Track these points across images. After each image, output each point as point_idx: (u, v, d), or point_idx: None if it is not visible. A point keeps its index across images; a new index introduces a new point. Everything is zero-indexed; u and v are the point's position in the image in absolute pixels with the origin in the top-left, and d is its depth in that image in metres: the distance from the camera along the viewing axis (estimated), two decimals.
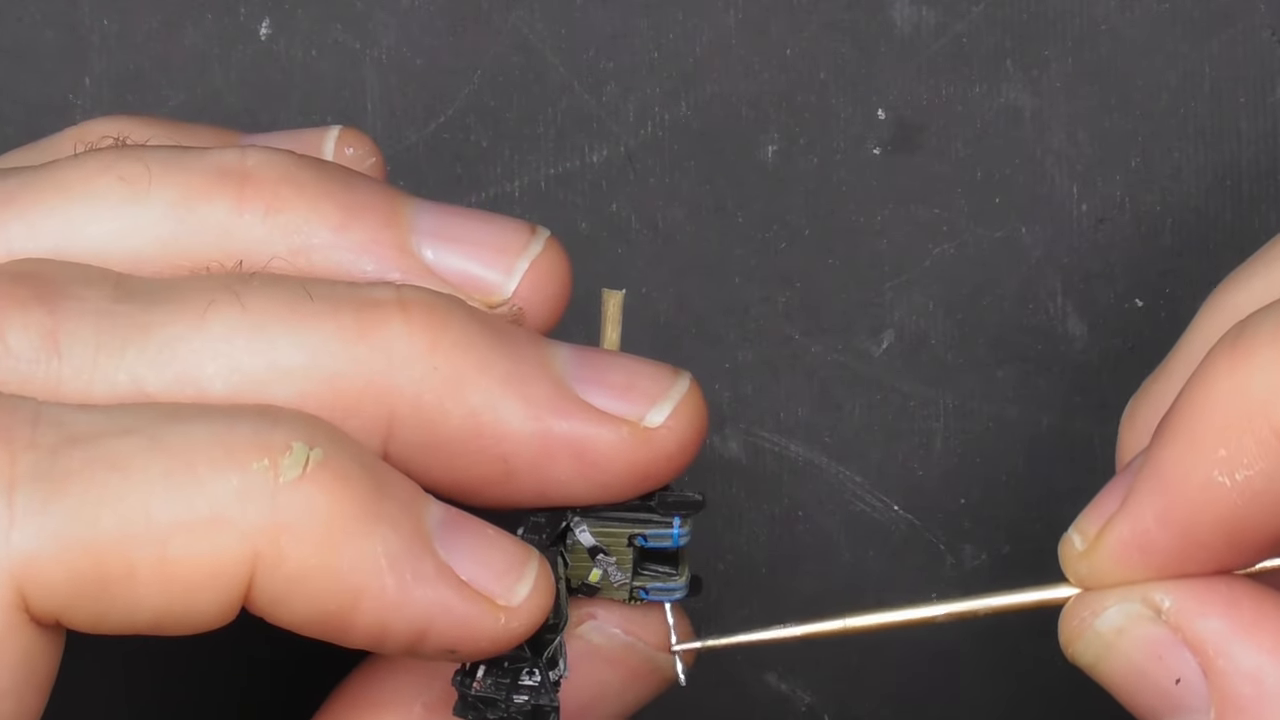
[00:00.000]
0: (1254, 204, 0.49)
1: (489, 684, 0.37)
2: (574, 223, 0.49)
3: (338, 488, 0.35)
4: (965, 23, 0.49)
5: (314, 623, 0.36)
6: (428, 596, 0.36)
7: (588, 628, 0.40)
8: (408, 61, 0.49)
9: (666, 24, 0.49)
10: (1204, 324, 0.40)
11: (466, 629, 0.36)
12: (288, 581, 0.35)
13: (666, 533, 0.39)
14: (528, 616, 0.36)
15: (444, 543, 0.36)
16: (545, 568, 0.37)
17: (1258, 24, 0.49)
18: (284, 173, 0.39)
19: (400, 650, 0.36)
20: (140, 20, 0.49)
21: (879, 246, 0.49)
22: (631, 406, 0.38)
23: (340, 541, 0.35)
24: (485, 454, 0.38)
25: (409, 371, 0.37)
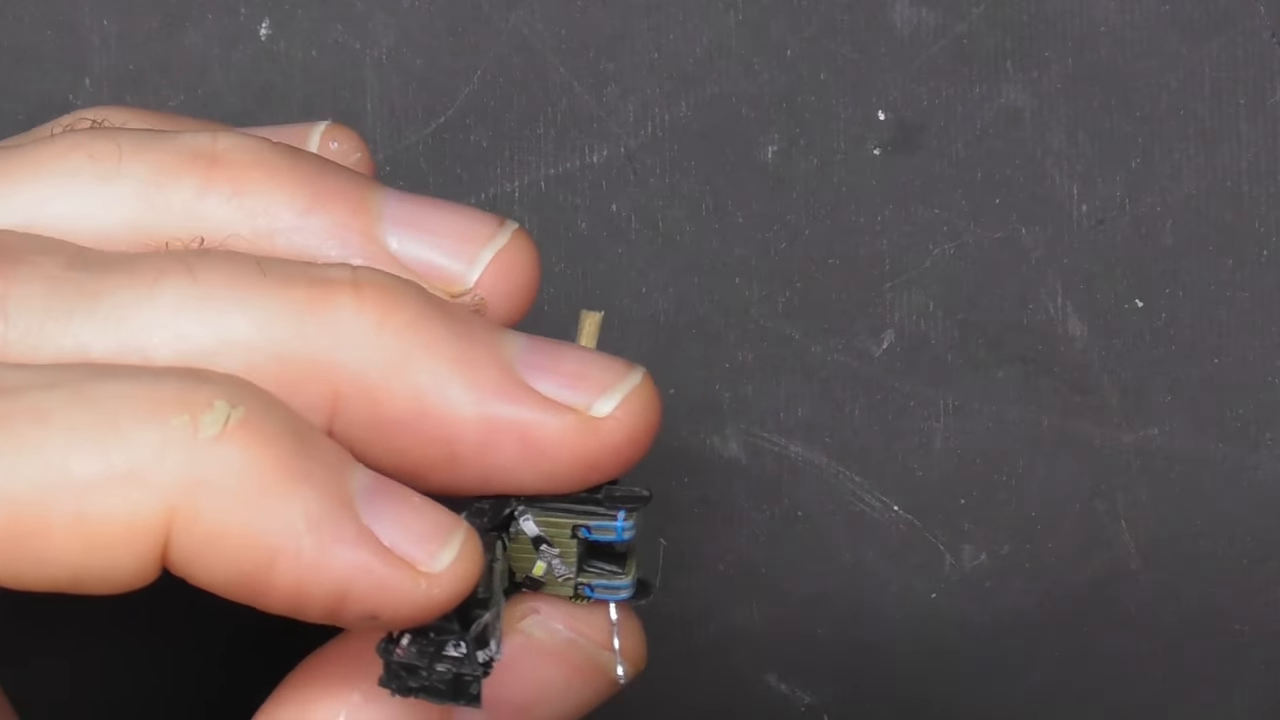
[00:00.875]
0: (1254, 205, 0.49)
1: (413, 651, 0.37)
2: (574, 223, 0.49)
3: (257, 446, 0.35)
4: (965, 24, 0.49)
5: (232, 583, 0.35)
6: (346, 559, 0.35)
7: (530, 622, 0.39)
8: (408, 62, 0.49)
9: (667, 25, 0.49)
10: None
11: (386, 593, 0.35)
12: (204, 539, 0.35)
13: (610, 525, 0.39)
14: (450, 584, 0.36)
15: (367, 508, 0.36)
16: (473, 538, 0.37)
17: (1257, 26, 0.49)
18: (255, 157, 0.39)
19: (321, 615, 0.36)
20: (140, 20, 0.49)
21: (879, 247, 0.49)
22: (579, 395, 0.38)
23: (257, 500, 0.35)
24: (429, 436, 0.37)
25: (355, 349, 0.37)
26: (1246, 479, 0.49)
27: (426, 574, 0.36)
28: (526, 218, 0.49)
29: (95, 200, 0.39)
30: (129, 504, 0.35)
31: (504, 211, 0.49)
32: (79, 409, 0.35)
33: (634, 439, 0.38)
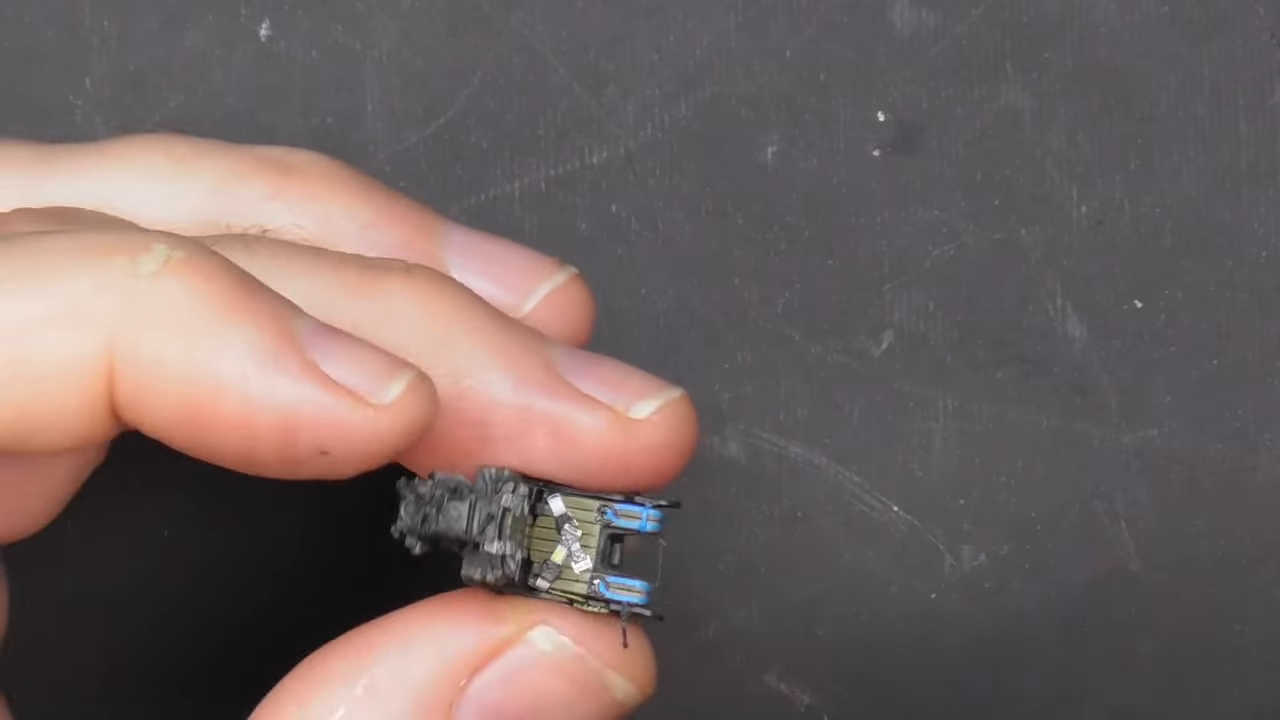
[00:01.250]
0: (1253, 206, 0.49)
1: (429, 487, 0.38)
2: (574, 224, 0.49)
3: (199, 282, 0.35)
4: (965, 25, 0.49)
5: (179, 421, 0.36)
6: (291, 389, 0.35)
7: (537, 633, 0.39)
8: (408, 63, 0.49)
9: (667, 26, 0.49)
10: None
11: (334, 425, 0.36)
12: (148, 372, 0.35)
13: (637, 511, 0.39)
14: (399, 415, 0.36)
15: (314, 345, 0.36)
16: (426, 381, 0.37)
17: (1257, 27, 0.49)
18: (326, 171, 0.41)
19: (274, 458, 0.36)
20: (141, 21, 0.49)
21: (879, 247, 0.49)
22: (618, 397, 0.39)
23: (200, 331, 0.35)
24: (464, 419, 0.38)
25: (400, 326, 0.38)
26: (1245, 479, 0.49)
27: (375, 405, 0.36)
28: (526, 218, 0.49)
29: (166, 192, 0.40)
30: (69, 342, 0.35)
31: (504, 212, 0.49)
32: (17, 257, 0.36)
33: (667, 446, 0.39)
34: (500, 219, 0.49)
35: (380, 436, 0.36)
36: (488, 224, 0.49)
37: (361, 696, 0.38)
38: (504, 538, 0.38)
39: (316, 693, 0.38)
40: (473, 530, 0.38)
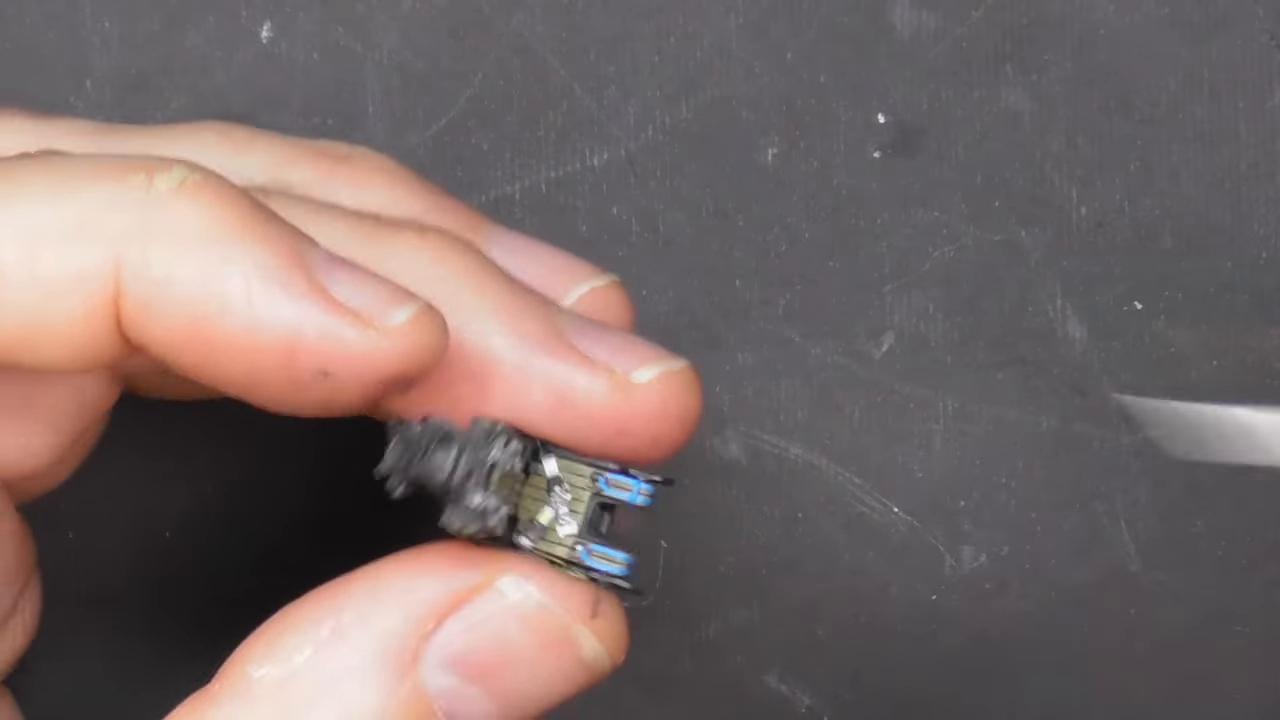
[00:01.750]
0: (1253, 207, 0.49)
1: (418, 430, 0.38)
2: (574, 226, 0.49)
3: (212, 202, 0.36)
4: (965, 27, 0.49)
5: (181, 339, 0.36)
6: (296, 308, 0.36)
7: (505, 581, 0.39)
8: (409, 64, 0.49)
9: (667, 27, 0.49)
10: None
11: (336, 344, 0.36)
12: (153, 288, 0.36)
13: (628, 483, 0.39)
14: (404, 339, 0.36)
15: (324, 271, 0.37)
16: (434, 312, 0.37)
17: (1256, 28, 0.49)
18: (381, 164, 0.42)
19: (276, 378, 0.36)
20: (142, 22, 0.49)
21: (879, 249, 0.49)
22: (620, 361, 0.39)
23: (209, 249, 0.36)
24: (464, 371, 0.38)
25: (408, 277, 0.38)
26: (1246, 479, 0.50)
27: (379, 328, 0.36)
28: (527, 220, 0.49)
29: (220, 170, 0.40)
30: (78, 253, 0.36)
31: (505, 213, 0.49)
32: (41, 171, 0.36)
33: (666, 413, 0.39)
34: (501, 220, 0.49)
35: (383, 360, 0.36)
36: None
37: (328, 638, 0.38)
38: (488, 491, 0.38)
39: (286, 634, 0.38)
40: (453, 480, 0.38)
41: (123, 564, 0.50)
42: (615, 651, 0.40)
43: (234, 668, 0.38)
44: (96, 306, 0.36)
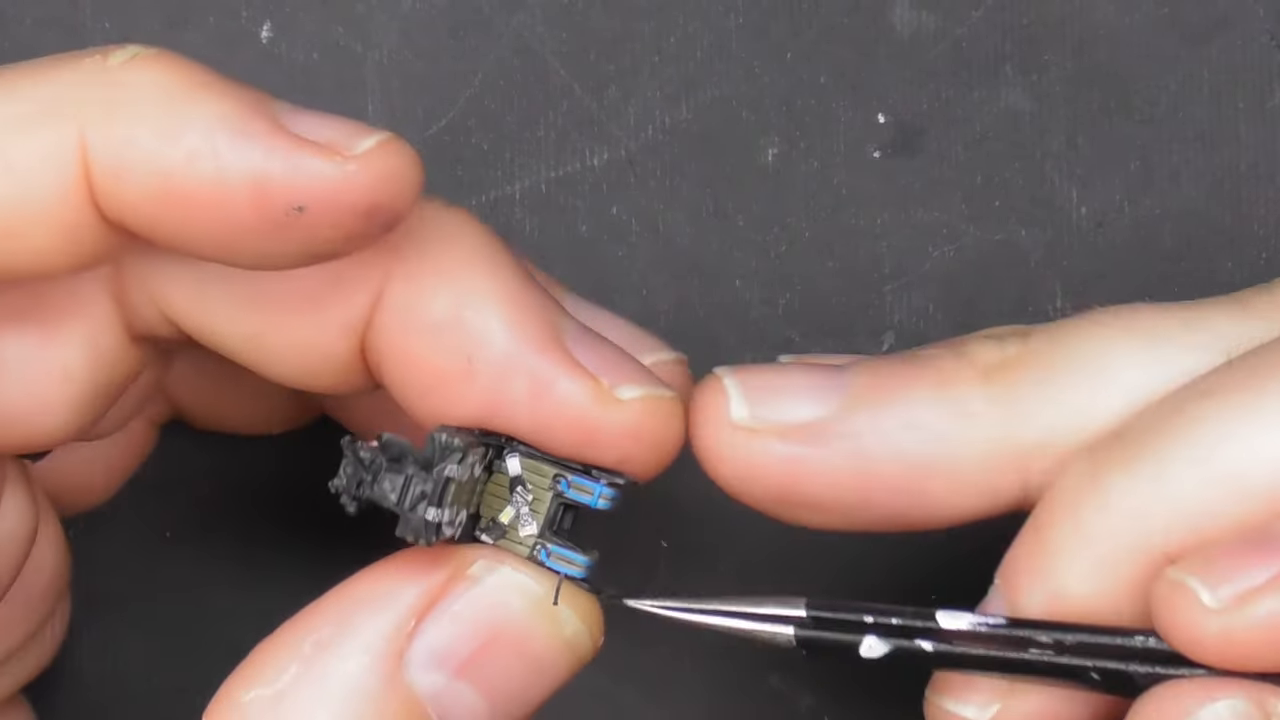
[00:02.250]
0: (1253, 207, 0.49)
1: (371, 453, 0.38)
2: (574, 226, 0.49)
3: (168, 68, 0.37)
4: (965, 27, 0.49)
5: (156, 204, 0.36)
6: (261, 149, 0.36)
7: (476, 566, 0.39)
8: (409, 64, 0.49)
9: (667, 27, 0.49)
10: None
11: (305, 177, 0.36)
12: (120, 156, 0.36)
13: (590, 485, 0.39)
14: (371, 165, 0.36)
15: (285, 116, 0.37)
16: (403, 144, 0.37)
17: (1256, 29, 0.49)
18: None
19: (251, 221, 0.36)
20: (141, 22, 0.49)
21: (879, 249, 0.49)
22: (608, 373, 0.39)
23: (165, 107, 0.36)
24: (454, 347, 0.38)
25: (420, 243, 0.39)
26: None
27: (346, 155, 0.36)
28: (527, 220, 0.49)
29: None
30: (43, 137, 0.36)
31: (505, 213, 0.49)
32: (10, 74, 0.37)
33: (641, 435, 0.39)
34: (501, 220, 0.49)
35: (354, 187, 0.36)
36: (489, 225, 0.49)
37: (311, 653, 0.38)
38: (440, 509, 0.38)
39: (270, 657, 0.38)
40: (404, 505, 0.38)
41: (123, 564, 0.50)
42: (595, 630, 0.40)
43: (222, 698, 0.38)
44: (69, 183, 0.37)
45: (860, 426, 0.39)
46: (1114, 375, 0.39)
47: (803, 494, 0.39)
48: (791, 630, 0.39)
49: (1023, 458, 0.39)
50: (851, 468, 0.39)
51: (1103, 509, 0.37)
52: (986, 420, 0.39)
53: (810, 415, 0.39)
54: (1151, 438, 0.37)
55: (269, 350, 0.40)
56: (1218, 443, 0.37)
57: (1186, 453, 0.37)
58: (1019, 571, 0.39)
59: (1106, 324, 0.39)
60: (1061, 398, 0.39)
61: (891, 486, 0.39)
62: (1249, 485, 0.36)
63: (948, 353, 0.40)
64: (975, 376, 0.39)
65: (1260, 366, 0.37)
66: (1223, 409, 0.37)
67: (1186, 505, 0.37)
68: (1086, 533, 0.37)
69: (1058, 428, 0.39)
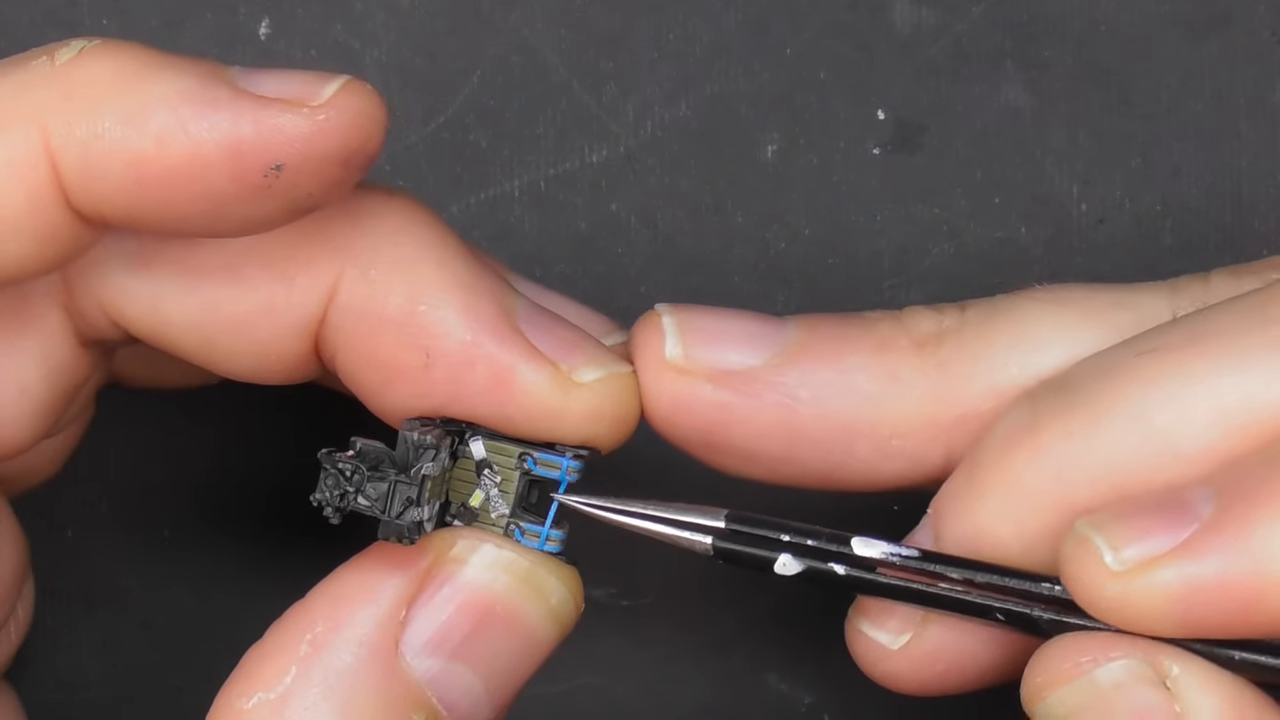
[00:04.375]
0: (1253, 205, 0.49)
1: (350, 463, 0.38)
2: (574, 222, 0.49)
3: (117, 55, 0.37)
4: (965, 23, 0.49)
5: (132, 190, 0.36)
6: (227, 114, 0.36)
7: (459, 548, 0.39)
8: (407, 61, 0.49)
9: (666, 24, 0.49)
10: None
11: (277, 133, 0.36)
12: (87, 149, 0.36)
13: (557, 461, 0.39)
14: (339, 109, 0.37)
15: (243, 79, 0.37)
16: (364, 85, 0.37)
17: (1257, 25, 0.49)
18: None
19: (232, 188, 0.36)
20: (140, 20, 0.49)
21: (879, 246, 0.49)
22: (565, 357, 0.39)
23: (124, 93, 0.36)
24: (410, 342, 0.39)
25: (370, 237, 0.39)
26: None
27: (312, 104, 0.36)
28: (526, 217, 0.49)
29: None
30: (6, 144, 0.36)
31: (504, 210, 0.49)
32: None
33: (602, 415, 0.39)
34: (500, 218, 0.49)
35: (326, 135, 0.36)
36: (488, 223, 0.49)
37: (308, 653, 0.38)
38: (422, 504, 0.38)
39: (265, 662, 0.38)
40: (392, 513, 0.38)
41: (123, 564, 0.50)
42: (578, 596, 0.40)
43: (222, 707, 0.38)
44: (39, 188, 0.36)
45: (792, 380, 0.39)
46: (1044, 350, 0.39)
47: (728, 441, 0.40)
48: (709, 540, 0.39)
49: (948, 428, 0.39)
50: (779, 420, 0.39)
51: (1034, 457, 0.38)
52: (916, 388, 0.39)
53: (744, 362, 0.39)
54: (1090, 392, 0.37)
55: (222, 351, 0.40)
56: (1154, 403, 0.37)
57: (1122, 410, 0.37)
58: (947, 506, 0.39)
59: (1040, 299, 0.40)
60: (991, 370, 0.39)
61: (817, 443, 0.39)
62: (1180, 448, 0.37)
63: (886, 318, 0.40)
64: (910, 345, 0.40)
65: (1202, 330, 0.37)
66: (1161, 369, 0.37)
67: (1116, 462, 0.37)
68: (1015, 478, 0.38)
69: (985, 400, 0.39)
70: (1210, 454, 0.36)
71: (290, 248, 0.39)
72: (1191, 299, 0.40)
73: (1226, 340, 0.37)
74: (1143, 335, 0.38)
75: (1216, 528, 0.36)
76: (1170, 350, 0.37)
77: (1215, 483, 0.36)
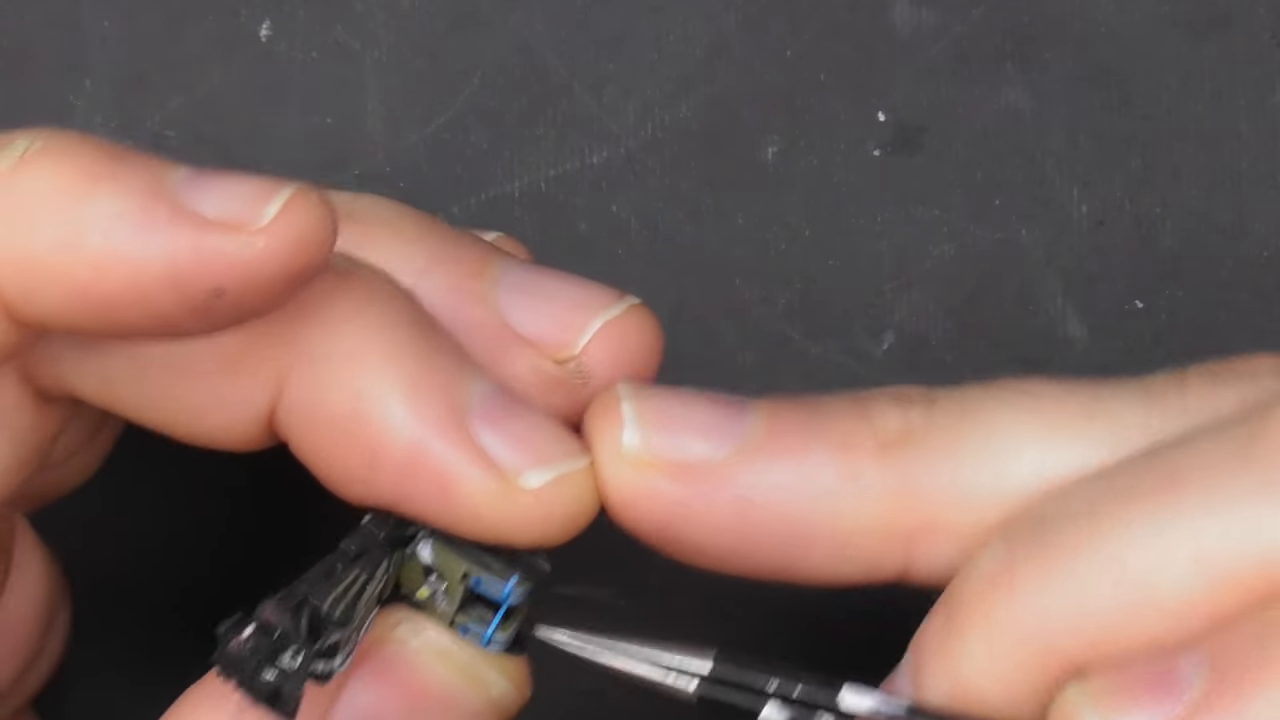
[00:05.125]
0: (1254, 206, 0.49)
1: (248, 646, 0.36)
2: (574, 224, 0.49)
3: (58, 165, 0.35)
4: (965, 24, 0.49)
5: (73, 306, 0.36)
6: (165, 239, 0.35)
7: (402, 629, 0.39)
8: (408, 62, 0.49)
9: (667, 25, 0.49)
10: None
11: (218, 259, 0.35)
12: (26, 265, 0.35)
13: (500, 584, 0.39)
14: (280, 234, 0.35)
15: (187, 190, 0.36)
16: (306, 193, 0.36)
17: (1257, 26, 0.49)
18: (385, 217, 0.40)
19: (176, 310, 0.36)
20: (141, 21, 0.49)
21: (879, 247, 0.49)
22: (515, 458, 0.38)
23: (60, 213, 0.35)
24: (355, 443, 0.37)
25: (318, 329, 0.38)
26: None
27: (251, 230, 0.35)
28: (526, 218, 0.49)
29: None
30: None
31: (504, 212, 0.49)
32: None
33: (551, 521, 0.38)
34: (500, 219, 0.49)
35: (265, 259, 0.35)
36: (488, 224, 0.49)
37: (233, 713, 0.37)
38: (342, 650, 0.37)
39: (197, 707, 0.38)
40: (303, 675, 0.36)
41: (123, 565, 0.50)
42: (522, 687, 0.39)
43: None
44: None
45: (750, 477, 0.38)
46: (1012, 460, 0.38)
47: (683, 535, 0.38)
48: (694, 686, 0.38)
49: (909, 535, 0.38)
50: (734, 517, 0.38)
51: (1011, 603, 0.36)
52: (877, 493, 0.38)
53: (704, 454, 0.38)
54: (1067, 535, 0.36)
55: (180, 429, 0.39)
56: (1132, 551, 0.35)
57: (1100, 556, 0.35)
58: (926, 650, 0.38)
59: (1011, 403, 0.38)
60: (956, 480, 0.38)
61: (773, 543, 0.38)
62: (1161, 600, 0.35)
63: (852, 412, 0.39)
64: (874, 446, 0.38)
65: (1182, 469, 0.35)
66: (1139, 512, 0.35)
67: (1096, 612, 0.35)
68: (994, 625, 0.36)
69: (948, 510, 0.38)
70: (1194, 608, 0.35)
71: (238, 342, 0.38)
72: (1166, 410, 0.37)
73: (1207, 482, 0.35)
74: (1121, 470, 0.36)
75: (1207, 705, 0.34)
76: (1148, 492, 0.35)
77: (1206, 651, 0.34)
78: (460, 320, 0.39)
